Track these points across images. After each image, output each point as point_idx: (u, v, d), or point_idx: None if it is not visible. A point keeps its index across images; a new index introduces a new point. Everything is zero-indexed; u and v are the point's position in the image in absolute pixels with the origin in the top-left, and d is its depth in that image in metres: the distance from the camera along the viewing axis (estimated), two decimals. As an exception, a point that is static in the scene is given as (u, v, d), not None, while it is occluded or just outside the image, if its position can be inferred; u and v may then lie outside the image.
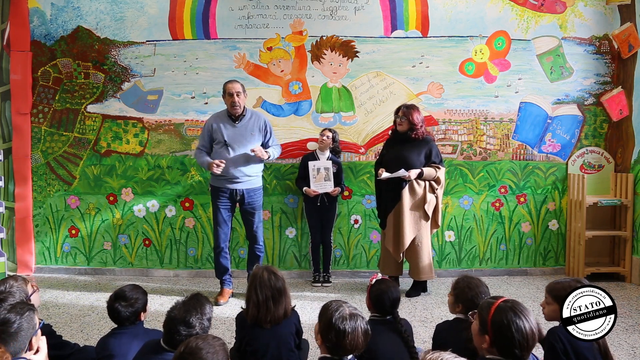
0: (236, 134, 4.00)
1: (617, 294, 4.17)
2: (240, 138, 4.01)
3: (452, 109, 4.84)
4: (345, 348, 1.89)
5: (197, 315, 2.00)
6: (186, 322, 1.95)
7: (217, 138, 4.01)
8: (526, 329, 1.69)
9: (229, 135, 3.99)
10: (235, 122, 4.03)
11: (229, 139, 3.97)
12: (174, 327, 1.95)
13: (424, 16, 4.77)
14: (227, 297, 4.11)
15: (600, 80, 4.88)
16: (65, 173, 4.89)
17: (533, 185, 4.90)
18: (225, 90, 3.99)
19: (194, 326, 1.95)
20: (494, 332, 1.72)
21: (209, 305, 2.09)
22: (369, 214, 4.84)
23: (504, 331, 1.70)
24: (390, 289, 2.39)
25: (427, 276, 4.19)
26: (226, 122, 4.03)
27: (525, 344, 1.69)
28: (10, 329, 1.73)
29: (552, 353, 2.09)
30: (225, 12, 4.75)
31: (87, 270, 4.88)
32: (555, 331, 2.11)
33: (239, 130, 4.02)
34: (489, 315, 1.74)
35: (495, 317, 1.73)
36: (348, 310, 1.94)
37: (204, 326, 2.00)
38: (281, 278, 2.36)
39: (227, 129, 4.01)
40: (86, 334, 3.35)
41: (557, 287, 2.27)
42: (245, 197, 4.06)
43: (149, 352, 2.00)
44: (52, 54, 4.82)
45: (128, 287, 2.41)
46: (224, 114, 4.09)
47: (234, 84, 3.98)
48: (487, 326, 1.74)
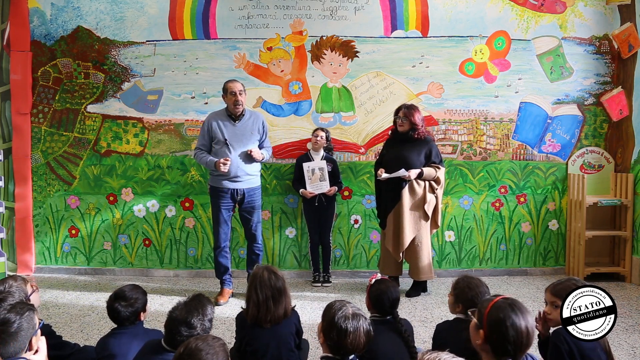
0: (236, 133, 4.01)
1: (617, 294, 4.17)
2: (241, 137, 4.01)
3: (452, 109, 4.84)
4: (346, 347, 1.89)
5: (199, 316, 2.00)
6: (187, 322, 1.95)
7: (216, 137, 4.00)
8: (522, 326, 1.68)
9: (229, 135, 3.99)
10: (235, 121, 4.03)
11: (230, 138, 3.98)
12: (175, 327, 1.95)
13: (424, 16, 4.77)
14: (227, 297, 4.11)
15: (600, 80, 4.88)
16: (65, 173, 4.89)
17: (533, 185, 4.90)
18: (227, 89, 3.98)
19: (195, 327, 1.95)
20: (488, 326, 1.71)
21: (210, 306, 2.09)
22: (369, 214, 4.84)
23: (498, 326, 1.68)
24: (390, 289, 2.40)
25: (426, 276, 4.19)
26: (226, 121, 4.03)
27: (519, 342, 1.68)
28: (10, 329, 1.72)
29: (557, 354, 2.08)
30: (225, 12, 4.75)
31: (87, 270, 4.88)
32: (560, 332, 2.10)
33: (239, 129, 4.03)
34: (486, 310, 1.74)
35: (492, 313, 1.72)
36: (351, 310, 1.94)
37: (205, 327, 2.00)
38: (281, 278, 2.37)
39: (227, 128, 4.01)
40: (86, 334, 3.35)
41: (562, 287, 2.24)
42: (246, 197, 4.07)
43: (150, 352, 2.00)
44: (52, 54, 4.82)
45: (128, 287, 2.41)
46: (222, 113, 4.09)
47: (235, 83, 3.99)
48: (483, 320, 1.73)
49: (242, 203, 4.08)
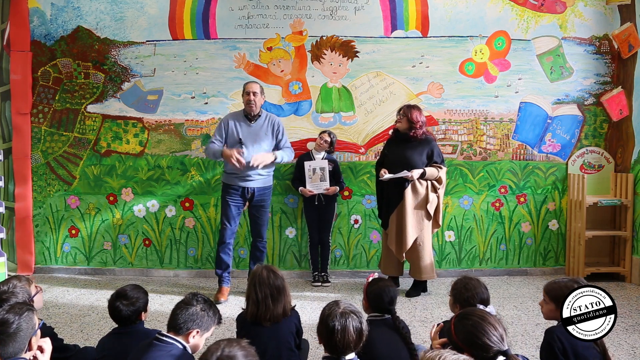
0: (251, 133, 4.10)
1: (617, 294, 4.17)
2: (255, 137, 4.11)
3: (452, 109, 4.84)
4: (336, 345, 1.90)
5: (204, 306, 2.07)
6: (187, 301, 2.06)
7: (232, 136, 4.10)
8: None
9: (244, 134, 4.08)
10: (250, 121, 4.12)
11: (244, 138, 4.07)
12: (179, 304, 2.07)
13: (424, 16, 4.77)
14: (227, 295, 4.15)
15: (600, 80, 4.88)
16: (65, 173, 4.89)
17: (533, 185, 4.90)
18: (244, 88, 4.13)
19: (194, 306, 2.04)
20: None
21: (218, 312, 2.16)
22: (369, 214, 4.83)
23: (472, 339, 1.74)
24: (388, 287, 2.41)
25: (428, 276, 4.19)
26: (242, 121, 4.14)
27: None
28: (8, 329, 1.71)
29: (550, 352, 2.08)
30: (225, 12, 4.75)
31: (87, 270, 4.88)
32: (553, 330, 2.11)
33: (253, 129, 4.12)
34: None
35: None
36: (342, 308, 1.95)
37: (203, 317, 2.05)
38: (280, 277, 2.37)
39: (243, 128, 4.11)
40: (86, 334, 3.35)
41: (554, 287, 2.27)
42: (256, 195, 4.15)
43: (145, 345, 2.03)
44: (52, 54, 4.82)
45: (129, 286, 2.42)
46: (240, 113, 4.20)
47: (252, 84, 4.13)
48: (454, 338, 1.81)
49: (252, 200, 4.16)
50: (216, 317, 2.13)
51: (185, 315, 2.01)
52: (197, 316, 2.02)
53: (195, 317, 2.02)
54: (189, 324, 2.01)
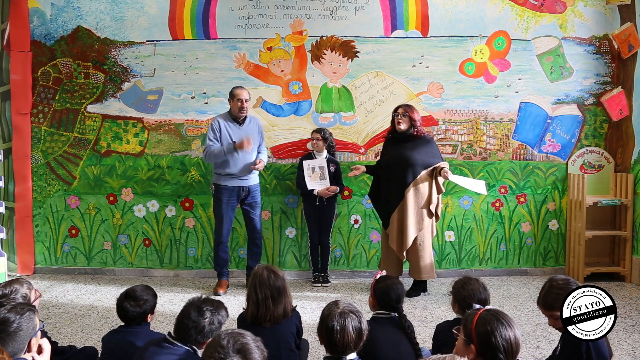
0: (242, 135, 4.22)
1: (617, 294, 4.17)
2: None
3: (452, 109, 4.84)
4: (335, 345, 1.90)
5: (212, 309, 2.08)
6: (199, 308, 2.04)
7: (225, 138, 4.21)
8: (510, 336, 1.70)
9: (236, 136, 4.22)
10: (240, 124, 4.29)
11: (237, 140, 4.18)
12: (187, 309, 2.05)
13: (424, 16, 4.77)
14: (225, 287, 4.33)
15: (600, 80, 4.88)
16: (65, 173, 4.89)
17: (533, 185, 4.90)
18: (235, 95, 4.23)
19: (204, 316, 2.03)
20: (479, 340, 1.72)
21: (225, 312, 2.16)
22: (369, 214, 4.83)
23: (488, 339, 1.70)
24: (396, 284, 2.43)
25: (428, 275, 4.20)
26: (231, 124, 4.29)
27: (510, 351, 1.70)
28: (9, 328, 1.71)
29: (572, 349, 2.08)
30: (225, 12, 4.75)
31: (87, 270, 4.88)
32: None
33: (244, 131, 4.28)
34: (473, 324, 1.75)
35: (479, 326, 1.73)
36: (341, 308, 1.95)
37: (213, 323, 2.05)
38: (281, 277, 2.37)
39: (234, 130, 4.26)
40: (86, 334, 3.34)
41: (547, 298, 2.26)
42: (251, 193, 4.36)
43: (152, 345, 2.04)
44: (52, 54, 4.82)
45: (140, 287, 2.43)
46: (227, 116, 4.33)
47: (243, 91, 4.24)
48: (472, 335, 1.74)
49: (247, 199, 4.35)
50: (224, 318, 2.14)
51: (195, 332, 2.03)
52: (206, 330, 2.04)
53: (205, 331, 2.04)
54: (199, 338, 2.04)
